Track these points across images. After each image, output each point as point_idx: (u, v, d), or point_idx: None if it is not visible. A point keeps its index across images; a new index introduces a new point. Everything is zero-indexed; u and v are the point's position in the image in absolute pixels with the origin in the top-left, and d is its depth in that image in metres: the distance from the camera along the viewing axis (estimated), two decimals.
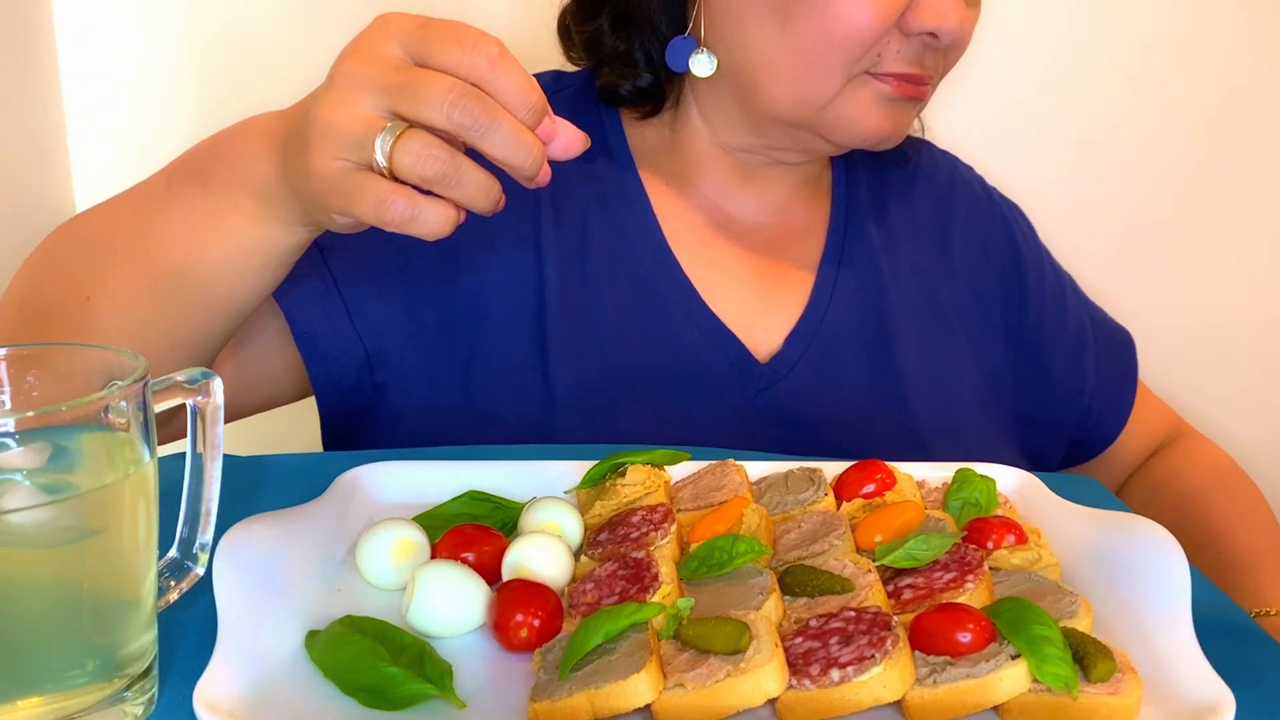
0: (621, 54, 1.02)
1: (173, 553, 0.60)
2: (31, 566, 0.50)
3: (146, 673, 0.53)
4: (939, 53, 0.95)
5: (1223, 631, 0.59)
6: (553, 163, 1.04)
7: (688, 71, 0.98)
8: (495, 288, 0.98)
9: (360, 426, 0.98)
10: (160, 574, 0.59)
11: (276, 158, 0.71)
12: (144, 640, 0.53)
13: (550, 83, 1.08)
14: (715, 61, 0.98)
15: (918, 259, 1.09)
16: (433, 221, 0.65)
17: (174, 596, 0.59)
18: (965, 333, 1.08)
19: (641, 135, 1.06)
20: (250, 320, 0.93)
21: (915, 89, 0.94)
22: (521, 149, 0.64)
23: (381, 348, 0.96)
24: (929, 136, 1.19)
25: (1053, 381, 1.12)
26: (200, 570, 0.60)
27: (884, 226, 1.09)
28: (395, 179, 0.64)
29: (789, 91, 0.95)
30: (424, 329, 0.97)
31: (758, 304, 1.03)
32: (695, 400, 0.98)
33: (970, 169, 1.19)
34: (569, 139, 0.67)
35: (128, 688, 0.52)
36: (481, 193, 0.65)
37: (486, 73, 0.63)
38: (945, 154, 1.19)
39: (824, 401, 1.00)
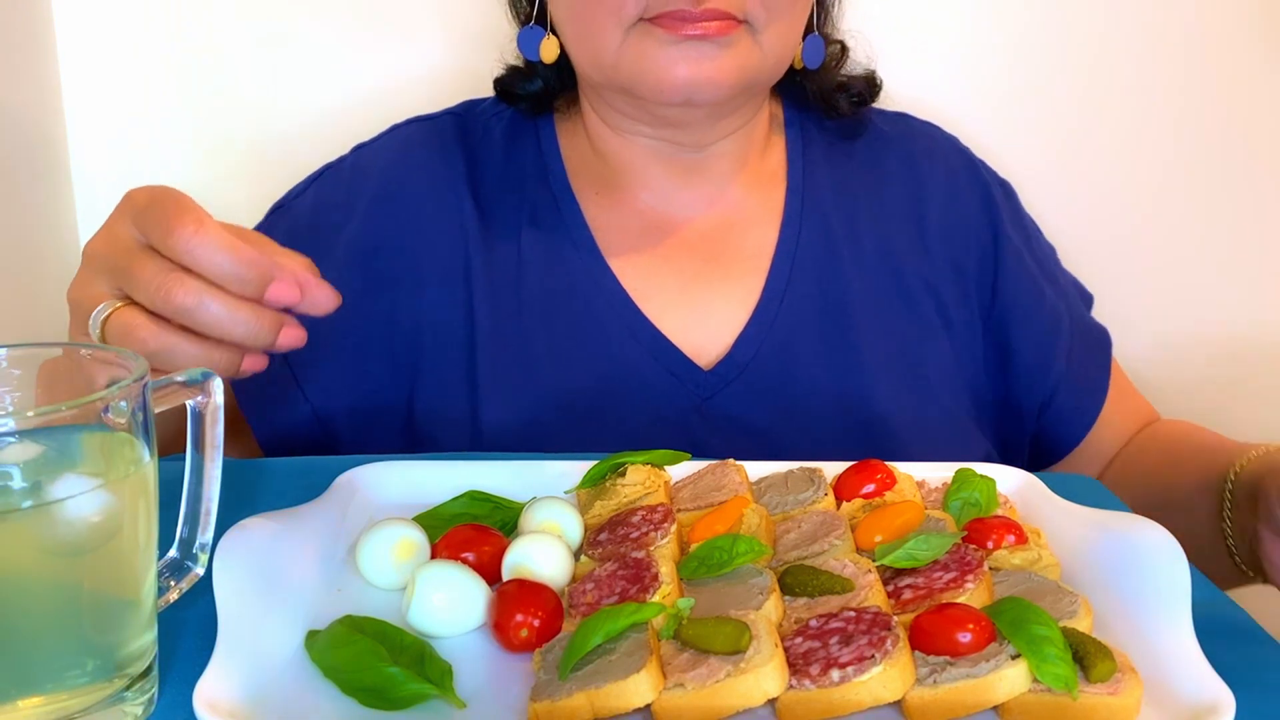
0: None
1: (173, 553, 0.60)
2: (31, 567, 0.50)
3: (146, 673, 0.53)
4: None
5: (1223, 631, 0.59)
6: (482, 191, 1.01)
7: (539, 60, 0.99)
8: (429, 327, 0.98)
9: None
10: (160, 574, 0.59)
11: None
12: (144, 640, 0.53)
13: (490, 106, 1.08)
14: (557, 45, 0.98)
15: (885, 242, 1.04)
16: None
17: (174, 596, 0.59)
18: (938, 313, 1.03)
19: (574, 148, 1.05)
20: None
21: (697, 27, 0.87)
22: (237, 325, 0.64)
23: (328, 405, 0.98)
24: (915, 110, 1.15)
25: (1017, 366, 1.06)
26: (200, 570, 0.60)
27: (846, 211, 1.04)
28: None
29: (581, 55, 0.95)
30: (368, 376, 0.98)
31: (702, 307, 0.99)
32: (633, 416, 0.95)
33: (955, 139, 1.13)
34: (315, 299, 0.66)
35: (128, 688, 0.52)
36: (202, 364, 0.65)
37: (184, 255, 0.63)
38: (927, 125, 1.13)
39: (778, 404, 0.97)
